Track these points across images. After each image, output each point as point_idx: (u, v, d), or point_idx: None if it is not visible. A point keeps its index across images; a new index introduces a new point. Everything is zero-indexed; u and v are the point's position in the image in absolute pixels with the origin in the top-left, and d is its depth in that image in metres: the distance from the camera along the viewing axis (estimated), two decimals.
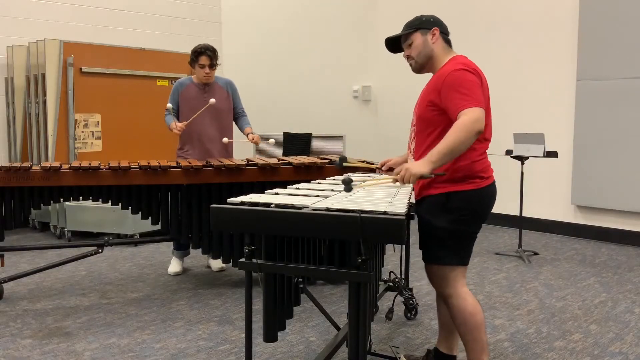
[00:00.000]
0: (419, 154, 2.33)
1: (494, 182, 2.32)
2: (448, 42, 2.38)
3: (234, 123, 4.31)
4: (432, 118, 2.27)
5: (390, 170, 2.64)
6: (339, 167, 2.90)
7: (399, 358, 2.68)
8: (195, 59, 4.02)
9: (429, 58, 2.35)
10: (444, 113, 2.22)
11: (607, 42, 5.19)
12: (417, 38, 2.36)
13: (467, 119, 2.08)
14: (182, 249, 4.27)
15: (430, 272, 2.33)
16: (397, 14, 6.87)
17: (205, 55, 3.98)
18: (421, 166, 2.10)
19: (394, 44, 2.48)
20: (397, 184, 2.29)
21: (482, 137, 2.24)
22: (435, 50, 2.34)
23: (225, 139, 4.10)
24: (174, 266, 4.28)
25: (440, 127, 2.24)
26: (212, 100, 3.94)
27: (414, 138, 2.40)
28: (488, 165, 2.31)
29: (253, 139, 4.11)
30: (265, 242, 1.96)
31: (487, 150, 2.32)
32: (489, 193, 2.28)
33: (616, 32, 5.13)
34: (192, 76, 4.18)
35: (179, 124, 3.94)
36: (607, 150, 5.23)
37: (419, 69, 2.40)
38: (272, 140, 4.41)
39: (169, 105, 4.05)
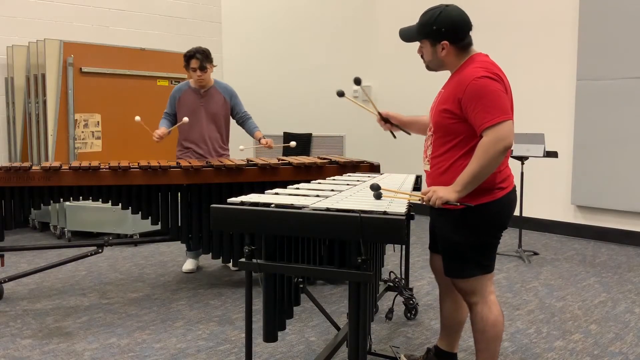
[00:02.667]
0: (434, 162, 2.24)
1: (514, 188, 2.22)
2: (466, 46, 2.18)
3: (241, 128, 4.32)
4: (450, 126, 2.14)
5: (389, 123, 2.53)
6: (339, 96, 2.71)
7: (399, 358, 2.68)
8: (187, 62, 4.04)
9: (440, 66, 2.23)
10: (464, 121, 2.10)
11: (607, 42, 5.19)
12: (427, 46, 2.20)
13: (489, 141, 1.98)
14: (193, 249, 4.25)
15: (456, 284, 2.26)
16: (397, 13, 6.87)
17: (195, 58, 3.98)
18: (449, 193, 2.04)
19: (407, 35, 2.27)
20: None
21: None
22: (445, 60, 2.19)
23: (241, 147, 4.20)
24: (187, 264, 4.32)
25: (460, 136, 2.13)
26: (185, 119, 3.96)
27: (430, 144, 2.28)
28: (508, 175, 2.21)
29: (267, 143, 4.10)
30: (265, 242, 1.96)
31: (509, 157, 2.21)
32: (508, 201, 2.18)
33: (616, 32, 5.13)
34: (190, 80, 4.19)
35: (159, 132, 3.96)
36: (607, 150, 5.23)
37: (431, 70, 2.29)
38: (293, 143, 4.40)
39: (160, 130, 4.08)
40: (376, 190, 2.01)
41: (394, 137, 2.64)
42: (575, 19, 5.43)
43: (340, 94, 2.60)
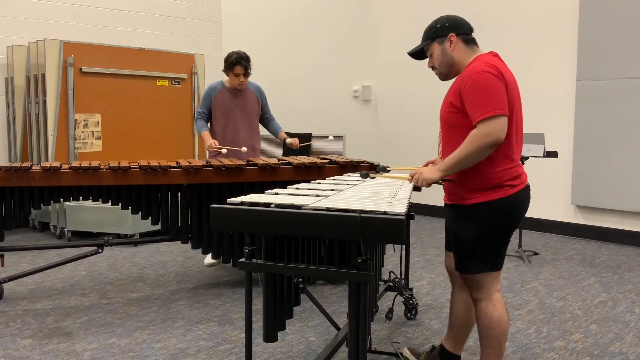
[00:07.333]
0: (444, 157, 2.28)
1: (525, 187, 2.25)
2: (470, 42, 2.28)
3: (263, 127, 4.44)
4: (455, 121, 2.20)
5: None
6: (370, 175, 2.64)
7: (400, 353, 2.68)
8: (230, 67, 4.10)
9: (451, 66, 2.28)
10: (465, 114, 2.15)
11: (607, 42, 5.18)
12: (435, 49, 2.29)
13: (479, 133, 2.05)
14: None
15: (464, 278, 2.30)
16: (397, 14, 6.87)
17: (240, 65, 4.08)
18: (432, 173, 2.16)
19: (418, 53, 2.39)
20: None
21: (509, 145, 2.15)
22: (455, 56, 2.26)
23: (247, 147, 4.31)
24: (209, 257, 4.39)
25: (463, 129, 2.17)
26: (244, 148, 4.09)
27: (440, 141, 2.36)
28: (520, 173, 2.23)
29: (291, 144, 4.24)
30: (265, 242, 1.96)
31: (519, 157, 2.24)
32: (518, 199, 2.21)
33: (616, 32, 5.13)
34: (224, 80, 4.27)
35: (213, 143, 4.04)
36: (607, 150, 5.23)
37: (444, 77, 2.34)
38: (331, 137, 4.43)
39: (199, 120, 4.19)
40: (364, 177, 2.37)
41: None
42: (575, 19, 5.43)
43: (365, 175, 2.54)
